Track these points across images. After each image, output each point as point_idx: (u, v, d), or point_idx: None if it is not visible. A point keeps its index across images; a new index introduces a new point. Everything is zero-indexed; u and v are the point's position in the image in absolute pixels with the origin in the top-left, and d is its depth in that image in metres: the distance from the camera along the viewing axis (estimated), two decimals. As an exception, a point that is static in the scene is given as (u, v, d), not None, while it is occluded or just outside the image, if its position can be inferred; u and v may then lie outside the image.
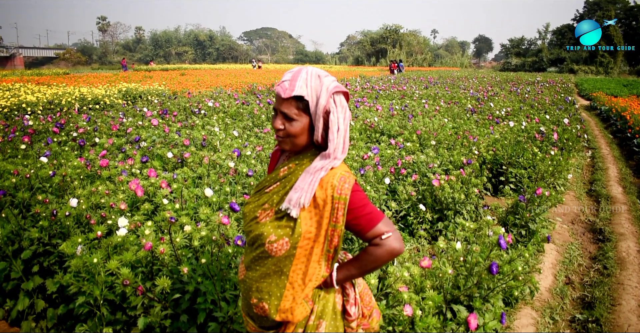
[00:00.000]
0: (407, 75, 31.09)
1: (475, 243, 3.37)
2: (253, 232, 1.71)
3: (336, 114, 1.62)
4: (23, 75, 30.69)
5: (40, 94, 12.77)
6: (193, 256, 2.89)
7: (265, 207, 1.70)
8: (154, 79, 23.72)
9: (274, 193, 1.71)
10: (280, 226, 1.64)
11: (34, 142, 6.20)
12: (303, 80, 1.61)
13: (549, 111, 11.27)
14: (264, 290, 1.69)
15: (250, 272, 1.74)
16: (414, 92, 15.31)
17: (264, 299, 1.69)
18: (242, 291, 1.81)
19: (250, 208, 1.76)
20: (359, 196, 1.64)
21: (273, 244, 1.63)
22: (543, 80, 26.94)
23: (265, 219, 1.68)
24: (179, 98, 12.83)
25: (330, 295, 1.75)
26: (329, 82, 1.63)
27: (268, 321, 1.73)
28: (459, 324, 2.85)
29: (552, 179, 6.56)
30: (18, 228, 3.38)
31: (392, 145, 6.52)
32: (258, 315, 1.74)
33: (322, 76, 1.64)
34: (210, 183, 4.35)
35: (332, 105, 1.62)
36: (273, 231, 1.64)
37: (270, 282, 1.68)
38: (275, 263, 1.66)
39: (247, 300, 1.77)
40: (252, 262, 1.73)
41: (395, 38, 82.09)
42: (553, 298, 4.15)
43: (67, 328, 3.28)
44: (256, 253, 1.70)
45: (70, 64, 73.47)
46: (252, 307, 1.74)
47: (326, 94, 1.60)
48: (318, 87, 1.61)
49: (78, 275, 2.67)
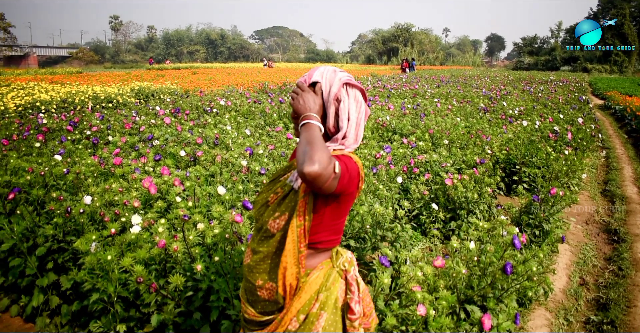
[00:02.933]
0: (419, 73, 30.97)
1: (489, 243, 3.34)
2: (262, 215, 1.78)
3: (347, 103, 1.74)
4: (37, 74, 31.02)
5: (54, 93, 12.87)
6: (206, 254, 2.90)
7: (278, 191, 1.76)
8: (166, 77, 23.82)
9: (286, 179, 1.78)
10: (284, 204, 1.71)
11: (48, 140, 6.25)
12: (320, 72, 1.78)
13: (562, 110, 11.19)
14: (271, 270, 1.73)
15: (255, 255, 1.77)
16: (426, 90, 15.25)
17: (271, 279, 1.72)
18: (246, 275, 1.82)
19: (263, 197, 1.81)
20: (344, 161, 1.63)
21: (276, 220, 1.70)
22: (556, 79, 26.76)
23: (275, 201, 1.74)
24: (191, 96, 12.89)
25: (335, 288, 1.76)
26: (343, 75, 1.77)
27: (269, 305, 1.76)
28: (472, 324, 2.83)
29: (566, 179, 6.50)
30: (33, 226, 3.40)
31: (405, 144, 6.50)
32: (262, 299, 1.76)
33: (338, 71, 1.79)
34: (223, 181, 4.35)
35: (344, 94, 1.75)
36: (277, 208, 1.71)
37: (276, 260, 1.72)
38: (276, 240, 1.71)
39: (251, 284, 1.78)
40: (257, 245, 1.77)
41: (406, 36, 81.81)
42: (567, 299, 4.12)
43: (81, 324, 3.30)
44: (261, 235, 1.76)
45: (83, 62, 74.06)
46: (257, 289, 1.76)
47: (338, 83, 1.73)
48: (332, 77, 1.76)
49: (92, 272, 2.68)
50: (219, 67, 48.12)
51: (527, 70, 49.47)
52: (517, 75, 31.62)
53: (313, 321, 1.71)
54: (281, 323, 1.74)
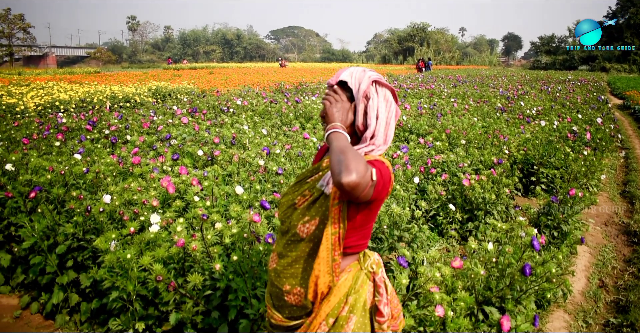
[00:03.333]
0: (435, 73, 30.83)
1: (507, 244, 3.32)
2: (288, 217, 1.75)
3: (376, 101, 1.73)
4: (56, 74, 31.41)
5: (72, 92, 13.00)
6: (224, 253, 2.91)
7: (306, 194, 1.73)
8: (182, 77, 23.98)
9: (315, 181, 1.74)
10: (314, 207, 1.68)
11: (68, 139, 6.32)
12: (349, 72, 1.77)
13: (581, 110, 11.05)
14: (299, 275, 1.70)
15: (282, 259, 1.75)
16: (443, 90, 15.17)
17: (299, 284, 1.70)
18: (272, 280, 1.80)
19: (289, 198, 1.79)
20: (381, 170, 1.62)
21: (305, 224, 1.68)
22: (574, 78, 26.44)
23: (304, 204, 1.72)
24: (207, 96, 12.95)
25: (363, 290, 1.74)
26: (372, 74, 1.76)
27: (298, 310, 1.74)
28: (491, 326, 2.81)
29: (584, 180, 6.43)
30: (53, 224, 3.45)
31: (421, 144, 6.47)
32: (289, 304, 1.74)
33: (367, 70, 1.77)
34: (240, 181, 4.37)
35: (373, 92, 1.73)
36: (307, 212, 1.69)
37: (305, 265, 1.70)
38: (307, 245, 1.69)
39: (277, 288, 1.76)
40: (284, 248, 1.75)
41: (422, 36, 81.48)
42: (586, 301, 4.07)
43: (100, 322, 3.34)
44: (288, 238, 1.74)
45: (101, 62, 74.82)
46: (284, 294, 1.73)
47: (367, 81, 1.72)
48: (361, 76, 1.74)
49: (112, 270, 2.71)
50: (235, 67, 48.36)
51: (544, 70, 48.98)
52: (535, 74, 31.31)
53: (342, 324, 1.69)
54: (310, 327, 1.72)
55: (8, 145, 5.73)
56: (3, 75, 29.33)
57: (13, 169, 4.21)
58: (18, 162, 4.31)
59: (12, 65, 62.16)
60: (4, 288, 3.91)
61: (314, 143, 5.73)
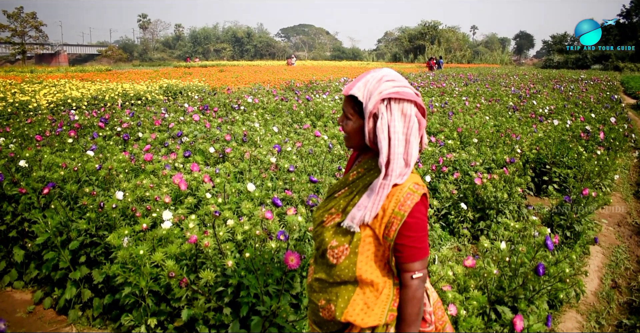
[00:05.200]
0: (446, 72, 30.69)
1: (520, 244, 3.30)
2: (319, 236, 1.71)
3: (385, 120, 1.54)
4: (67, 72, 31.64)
5: (84, 90, 13.11)
6: (236, 250, 2.91)
7: (332, 212, 1.69)
8: (193, 75, 24.07)
9: (341, 198, 1.70)
10: (341, 232, 1.64)
11: (80, 136, 6.36)
12: (364, 81, 1.58)
13: (594, 110, 10.96)
14: (333, 291, 1.67)
15: (317, 274, 1.74)
16: (454, 89, 15.09)
17: (331, 300, 1.66)
18: (310, 295, 1.78)
19: (319, 214, 1.75)
20: (418, 224, 1.58)
21: (334, 250, 1.63)
22: (587, 77, 26.20)
23: (330, 224, 1.68)
24: (218, 94, 12.98)
25: None
26: (387, 87, 1.55)
27: (335, 326, 1.70)
28: (503, 325, 2.81)
29: (597, 180, 6.37)
30: (66, 220, 3.47)
31: (433, 143, 6.44)
32: (324, 320, 1.71)
33: (384, 80, 1.57)
34: (252, 178, 4.38)
35: (383, 110, 1.54)
36: (335, 237, 1.64)
37: (340, 286, 1.66)
38: (338, 274, 1.64)
39: (314, 304, 1.74)
40: (318, 266, 1.75)
41: (433, 34, 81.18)
42: (599, 302, 4.04)
43: (113, 317, 3.36)
44: (323, 260, 1.70)
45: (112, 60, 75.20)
46: (320, 310, 1.71)
47: (376, 97, 1.54)
48: (374, 89, 1.55)
49: (124, 266, 2.73)
50: (245, 65, 48.47)
51: (556, 69, 48.61)
52: (547, 73, 31.09)
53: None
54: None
55: (21, 142, 5.77)
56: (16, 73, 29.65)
57: (26, 166, 4.25)
58: (31, 159, 4.35)
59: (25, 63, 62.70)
60: (18, 284, 3.94)
61: (324, 141, 5.73)
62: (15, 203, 3.92)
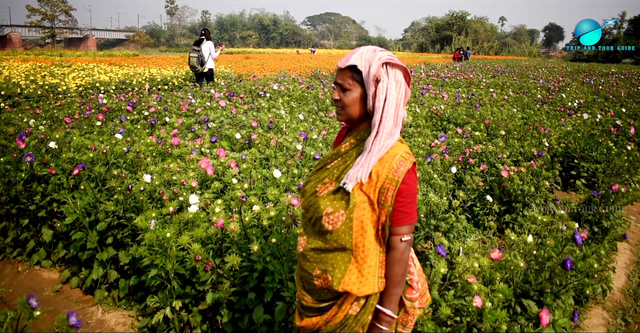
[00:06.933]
0: (473, 63, 30.27)
1: (547, 237, 3.24)
2: (312, 206, 1.76)
3: (385, 83, 1.66)
4: (95, 56, 32.04)
5: (112, 74, 13.26)
6: (262, 235, 2.92)
7: (325, 181, 1.75)
8: (219, 62, 24.18)
9: (334, 168, 1.76)
10: (336, 198, 1.70)
11: (108, 119, 6.43)
12: (359, 53, 1.69)
13: (625, 104, 10.71)
14: (329, 262, 1.72)
15: (309, 245, 1.78)
16: (481, 80, 14.88)
17: (327, 271, 1.72)
18: (302, 264, 1.83)
19: (311, 185, 1.80)
20: (410, 190, 1.67)
21: (330, 216, 1.68)
22: (617, 71, 25.61)
23: (324, 192, 1.73)
24: (244, 81, 12.99)
25: None
26: (383, 55, 1.68)
27: (329, 293, 1.76)
28: (528, 319, 2.76)
29: (627, 175, 6.23)
30: (95, 201, 3.51)
31: (459, 134, 6.36)
32: (318, 288, 1.77)
33: (378, 50, 1.70)
34: (278, 165, 4.38)
35: (383, 74, 1.66)
36: (330, 203, 1.69)
37: (335, 255, 1.71)
38: (335, 239, 1.69)
39: (307, 272, 1.79)
40: (310, 236, 1.78)
41: (461, 25, 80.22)
42: (626, 299, 3.97)
43: (138, 299, 3.40)
44: (316, 228, 1.75)
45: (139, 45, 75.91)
46: (314, 278, 1.76)
47: (377, 63, 1.64)
48: (371, 58, 1.66)
49: (151, 248, 2.74)
50: (270, 53, 48.45)
51: (586, 62, 47.62)
52: (576, 66, 30.45)
53: (374, 304, 1.74)
54: (341, 307, 1.75)
55: (51, 124, 5.86)
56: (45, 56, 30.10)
57: (56, 147, 4.30)
58: (61, 140, 4.41)
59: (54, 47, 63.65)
60: (46, 263, 4.02)
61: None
62: (45, 184, 3.97)
